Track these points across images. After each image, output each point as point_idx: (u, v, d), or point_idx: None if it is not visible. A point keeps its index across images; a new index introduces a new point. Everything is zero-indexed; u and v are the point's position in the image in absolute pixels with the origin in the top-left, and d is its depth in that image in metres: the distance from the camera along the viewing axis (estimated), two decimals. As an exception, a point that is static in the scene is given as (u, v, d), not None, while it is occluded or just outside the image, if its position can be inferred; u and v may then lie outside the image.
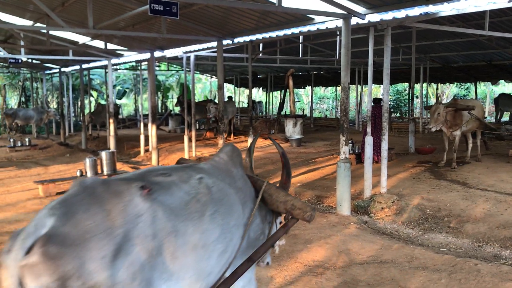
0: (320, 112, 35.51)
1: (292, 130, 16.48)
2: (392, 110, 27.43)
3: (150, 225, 2.11)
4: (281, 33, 10.26)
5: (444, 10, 7.72)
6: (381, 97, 9.84)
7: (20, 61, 16.44)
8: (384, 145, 8.13)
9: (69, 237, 1.89)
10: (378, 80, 14.16)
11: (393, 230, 7.00)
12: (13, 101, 31.54)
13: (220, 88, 11.00)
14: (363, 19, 7.77)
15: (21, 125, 22.79)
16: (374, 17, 7.90)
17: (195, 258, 2.33)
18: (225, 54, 11.96)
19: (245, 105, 30.64)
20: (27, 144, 17.63)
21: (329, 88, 34.33)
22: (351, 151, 10.43)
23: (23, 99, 29.08)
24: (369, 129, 8.45)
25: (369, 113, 8.72)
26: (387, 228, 7.09)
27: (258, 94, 37.60)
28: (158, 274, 2.14)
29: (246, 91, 33.55)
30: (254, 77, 25.36)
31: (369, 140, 8.21)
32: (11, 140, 17.81)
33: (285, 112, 23.92)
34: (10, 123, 21.75)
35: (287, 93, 18.24)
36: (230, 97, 20.65)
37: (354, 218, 7.36)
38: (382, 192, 8.18)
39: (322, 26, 9.05)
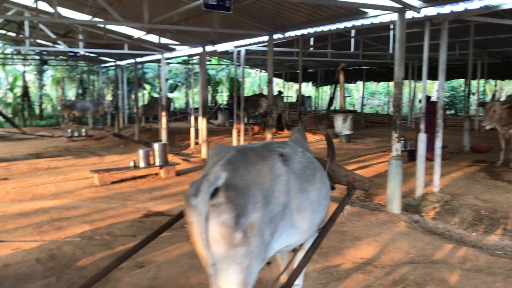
0: (371, 108, 34.83)
1: (342, 125, 16.28)
2: (447, 107, 26.50)
3: (286, 184, 2.75)
4: (333, 27, 10.13)
5: (507, 2, 7.36)
6: (431, 94, 9.51)
7: (78, 54, 17.14)
8: (438, 143, 7.89)
9: (238, 186, 2.52)
10: (432, 75, 13.67)
11: (445, 230, 6.78)
12: (71, 93, 32.94)
13: (270, 82, 11.02)
14: (418, 13, 7.54)
15: (78, 116, 23.76)
16: (430, 11, 7.65)
17: (311, 211, 2.98)
18: (275, 48, 11.94)
19: (294, 99, 30.50)
20: (84, 134, 18.38)
21: (381, 83, 33.57)
22: (403, 148, 10.19)
23: (80, 91, 30.29)
24: (422, 126, 8.22)
25: (423, 110, 8.48)
26: (438, 228, 6.88)
27: (307, 88, 37.32)
28: (284, 223, 2.75)
29: (295, 86, 33.41)
30: (304, 72, 25.17)
31: (422, 138, 7.99)
32: (69, 130, 18.64)
33: (335, 107, 23.65)
34: (68, 114, 22.73)
35: (338, 88, 18.02)
36: (280, 92, 20.64)
37: (404, 217, 7.20)
38: (435, 191, 7.94)
39: (376, 20, 8.87)
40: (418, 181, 7.96)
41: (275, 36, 10.84)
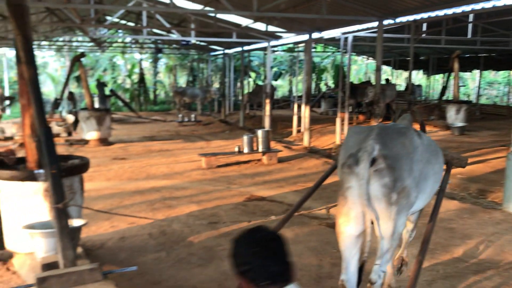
0: (488, 99, 32.24)
1: (455, 117, 15.27)
2: None
3: (421, 154, 3.28)
4: (449, 11, 9.50)
5: None
6: None
7: (190, 43, 17.96)
8: None
9: (391, 156, 3.10)
10: None
11: None
12: (181, 80, 34.70)
13: (378, 70, 10.66)
14: (551, -7, 6.78)
15: (188, 102, 24.97)
16: None
17: (433, 181, 3.50)
18: (384, 35, 11.48)
19: (402, 88, 29.23)
20: (193, 120, 19.32)
21: (501, 72, 30.90)
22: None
23: (190, 78, 31.78)
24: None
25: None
26: None
27: (418, 77, 35.56)
28: (418, 188, 3.25)
29: (404, 74, 31.96)
30: (415, 59, 23.95)
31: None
32: (180, 115, 19.71)
33: (448, 97, 22.27)
34: (179, 100, 24.01)
35: (451, 77, 16.92)
36: (387, 80, 19.91)
37: (523, 217, 6.60)
38: (561, 191, 7.16)
39: (499, 3, 8.15)
40: (542, 179, 7.22)
41: (385, 22, 10.42)
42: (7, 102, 10.98)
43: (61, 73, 29.75)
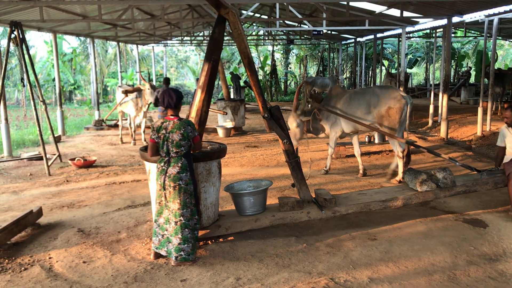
0: None
1: None
2: None
3: None
4: None
5: None
6: None
7: (321, 33, 17.96)
8: None
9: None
10: None
11: None
12: (312, 71, 34.85)
13: (529, 54, 9.62)
14: None
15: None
16: None
17: None
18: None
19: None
20: (322, 109, 19.32)
21: None
22: None
23: (320, 68, 31.79)
24: None
25: None
26: None
27: None
28: None
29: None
30: None
31: None
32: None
33: None
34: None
35: None
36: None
37: None
38: None
39: None
40: None
41: (539, 1, 9.36)
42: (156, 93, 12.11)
43: (201, 66, 31.74)
